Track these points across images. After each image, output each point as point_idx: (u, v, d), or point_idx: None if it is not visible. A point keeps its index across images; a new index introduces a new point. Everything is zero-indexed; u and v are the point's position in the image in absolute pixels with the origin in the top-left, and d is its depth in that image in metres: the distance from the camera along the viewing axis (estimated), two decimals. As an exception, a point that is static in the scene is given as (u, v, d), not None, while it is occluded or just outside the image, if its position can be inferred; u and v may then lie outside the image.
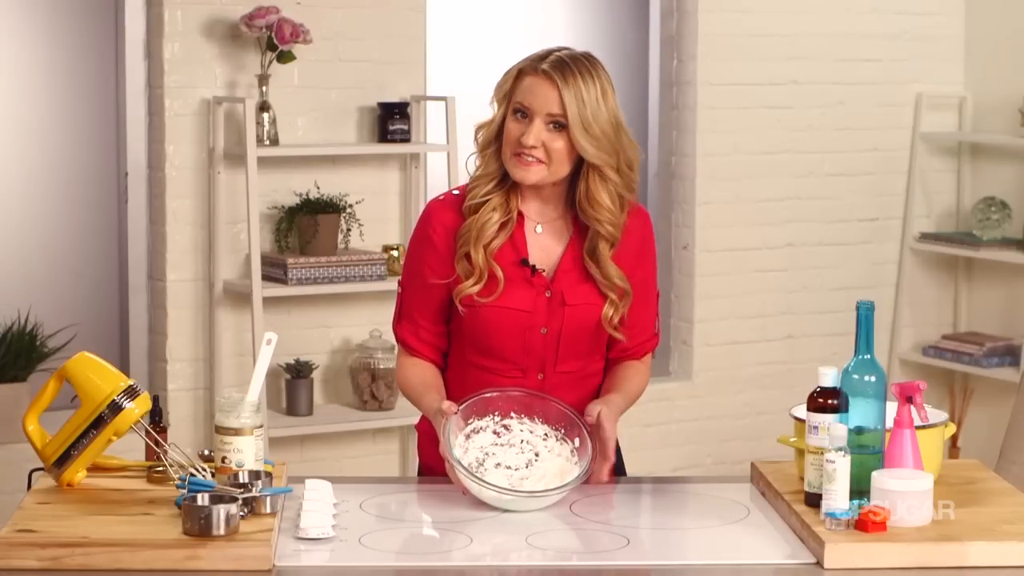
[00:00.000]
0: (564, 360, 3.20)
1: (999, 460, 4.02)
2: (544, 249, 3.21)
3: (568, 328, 3.18)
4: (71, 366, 2.98)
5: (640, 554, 2.80)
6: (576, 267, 3.19)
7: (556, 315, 3.18)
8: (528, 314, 3.17)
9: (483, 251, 3.15)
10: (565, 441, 3.07)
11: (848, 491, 2.76)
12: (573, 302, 3.18)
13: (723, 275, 6.21)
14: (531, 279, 3.18)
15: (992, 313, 6.56)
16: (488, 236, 3.15)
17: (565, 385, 3.21)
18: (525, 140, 3.11)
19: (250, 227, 5.29)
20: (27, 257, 5.70)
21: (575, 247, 3.20)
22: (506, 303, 3.16)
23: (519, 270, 3.18)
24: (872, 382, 2.86)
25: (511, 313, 3.16)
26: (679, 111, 6.26)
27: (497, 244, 3.16)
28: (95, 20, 5.69)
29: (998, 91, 6.46)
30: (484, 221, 3.15)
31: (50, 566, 2.61)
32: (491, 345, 3.19)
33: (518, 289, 3.18)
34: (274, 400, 5.50)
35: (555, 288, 3.18)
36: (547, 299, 3.18)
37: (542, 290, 3.19)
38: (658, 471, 5.86)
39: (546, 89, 3.11)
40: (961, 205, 6.61)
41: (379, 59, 5.64)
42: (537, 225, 3.21)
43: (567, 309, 3.18)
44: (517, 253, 3.18)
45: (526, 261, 3.18)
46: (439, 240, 3.20)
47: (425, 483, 3.26)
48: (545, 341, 3.19)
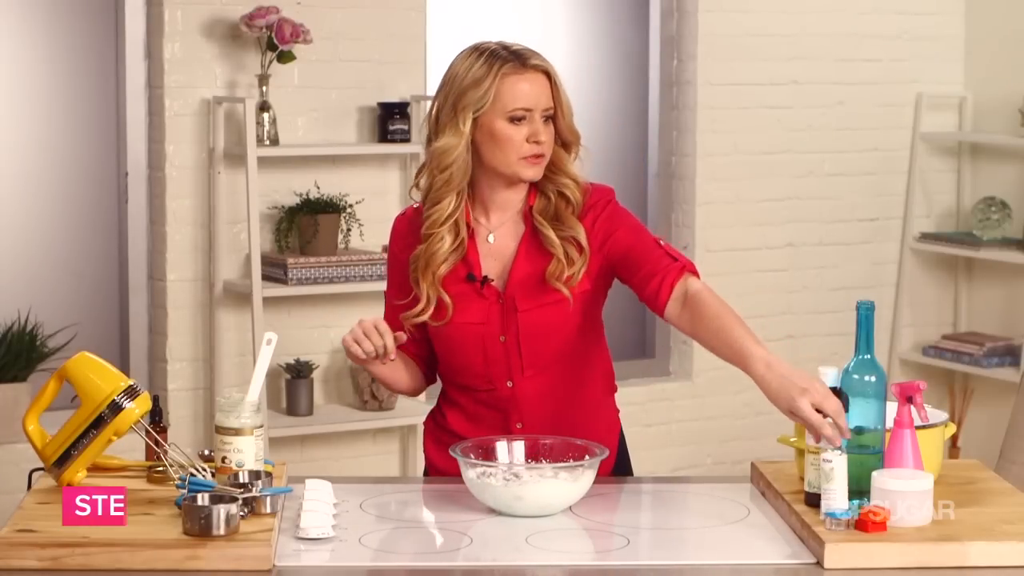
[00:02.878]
0: (530, 366, 3.19)
1: (999, 460, 4.02)
2: (497, 257, 3.20)
3: (525, 333, 3.17)
4: (71, 366, 2.98)
5: (640, 554, 2.80)
6: (529, 267, 3.17)
7: (511, 321, 3.17)
8: (483, 325, 3.18)
9: (431, 278, 3.16)
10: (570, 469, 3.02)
11: (847, 490, 2.76)
12: (525, 307, 3.17)
13: (723, 275, 6.21)
14: (481, 292, 3.18)
15: (992, 313, 6.56)
16: (437, 264, 3.16)
17: (542, 393, 3.20)
18: (542, 138, 3.13)
19: (250, 227, 5.29)
20: (27, 257, 5.70)
21: (528, 242, 3.19)
22: (460, 319, 3.18)
23: (469, 285, 3.18)
24: (872, 382, 2.86)
25: (467, 327, 3.17)
26: (679, 111, 6.26)
27: (446, 269, 3.17)
28: (95, 20, 5.68)
29: (998, 91, 6.46)
30: (434, 252, 3.16)
31: (50, 566, 2.61)
32: (456, 361, 3.22)
33: (471, 303, 3.18)
34: (274, 400, 5.50)
35: (507, 295, 3.18)
36: (500, 306, 3.18)
37: (494, 300, 3.18)
38: (658, 471, 5.86)
39: (539, 82, 3.13)
40: (961, 205, 6.61)
41: (379, 59, 5.64)
42: (489, 234, 3.21)
43: (520, 315, 3.17)
44: (467, 268, 3.19)
45: (472, 276, 3.18)
46: (395, 262, 3.27)
47: (425, 483, 3.26)
48: (506, 348, 3.18)
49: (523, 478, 2.92)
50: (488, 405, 3.22)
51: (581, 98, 7.37)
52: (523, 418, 3.21)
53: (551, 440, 3.08)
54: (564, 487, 2.93)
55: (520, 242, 3.20)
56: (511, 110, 3.11)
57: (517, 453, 3.06)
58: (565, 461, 3.00)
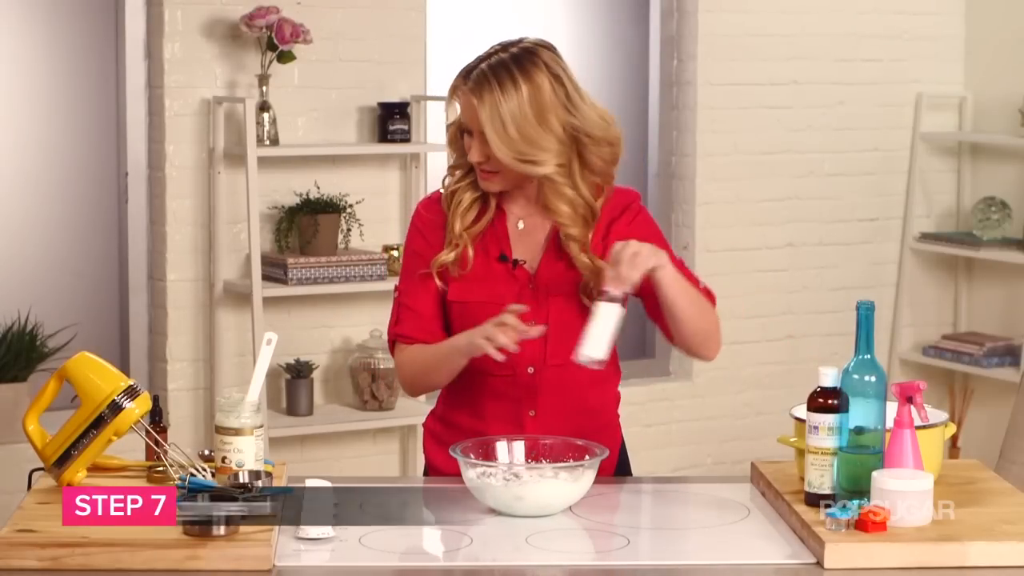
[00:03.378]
0: (554, 353, 3.18)
1: (999, 460, 4.02)
2: (527, 243, 3.21)
3: (555, 319, 3.16)
4: (71, 366, 2.98)
5: (640, 554, 2.80)
6: (558, 258, 3.19)
7: (542, 306, 3.17)
8: None
9: (460, 221, 3.17)
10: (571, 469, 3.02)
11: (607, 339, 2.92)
12: (557, 291, 3.17)
13: (723, 275, 6.21)
14: (513, 273, 3.19)
15: (992, 313, 6.56)
16: (466, 207, 3.17)
17: (560, 381, 3.19)
18: (471, 158, 3.13)
19: (250, 227, 5.29)
20: (27, 257, 5.70)
21: (556, 238, 3.19)
22: (490, 298, 3.16)
23: (501, 265, 3.19)
24: (872, 382, 2.86)
25: (497, 308, 3.11)
26: (679, 111, 6.26)
27: (479, 228, 3.18)
28: (95, 20, 5.68)
29: (998, 91, 6.46)
30: (460, 198, 3.18)
31: (50, 566, 2.61)
32: None
33: (501, 284, 3.18)
34: (274, 400, 5.50)
35: (538, 280, 3.18)
36: (531, 291, 3.18)
37: (525, 283, 3.19)
38: (658, 471, 5.85)
39: (468, 107, 3.11)
40: (961, 205, 6.61)
41: (379, 59, 5.64)
42: (520, 221, 3.22)
43: (551, 299, 3.17)
44: (500, 247, 3.19)
45: (505, 256, 3.19)
46: (424, 228, 3.23)
47: (425, 483, 3.26)
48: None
49: (523, 478, 2.92)
50: (501, 393, 3.20)
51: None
52: (537, 407, 3.20)
53: (551, 440, 3.08)
54: (564, 487, 2.93)
55: (548, 236, 3.20)
56: (459, 121, 3.16)
57: (517, 453, 3.06)
58: (565, 461, 3.00)
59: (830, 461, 2.84)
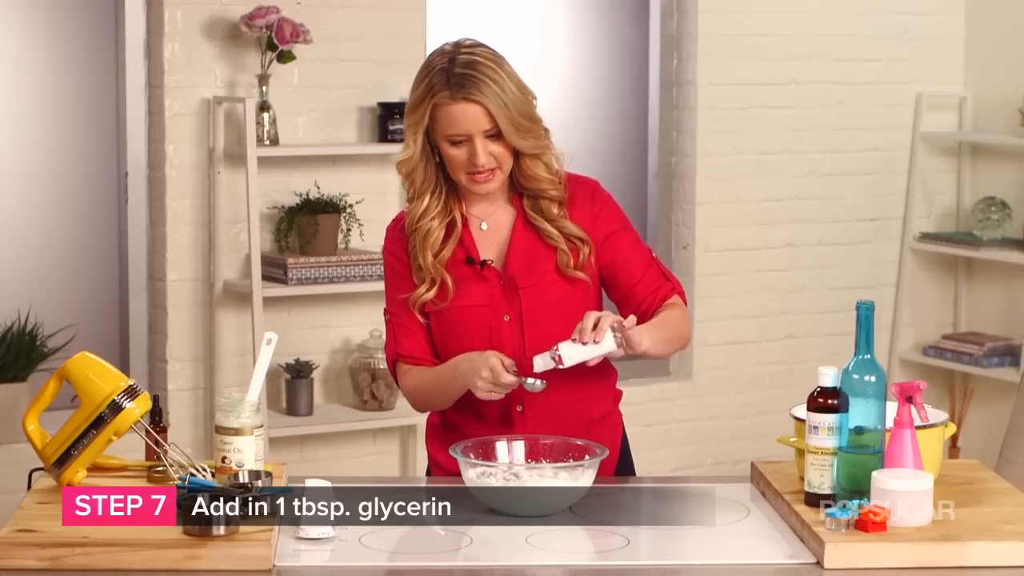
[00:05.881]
0: (534, 344, 3.19)
1: (999, 460, 4.02)
2: (491, 242, 3.25)
3: (528, 309, 3.20)
4: (71, 366, 2.98)
5: (640, 554, 2.80)
6: (525, 246, 3.22)
7: (514, 300, 3.20)
8: (487, 307, 3.21)
9: (431, 257, 3.20)
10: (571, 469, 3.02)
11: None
12: (525, 284, 3.20)
13: (723, 275, 6.21)
14: (482, 273, 3.21)
15: (992, 313, 6.56)
16: (433, 241, 3.20)
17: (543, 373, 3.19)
18: (478, 161, 3.13)
19: (250, 227, 5.29)
20: (27, 257, 5.71)
21: (521, 225, 3.23)
22: (464, 302, 3.21)
23: (469, 268, 3.21)
24: (872, 382, 2.86)
25: (472, 310, 3.20)
26: (679, 111, 6.25)
27: (447, 252, 3.22)
28: (95, 20, 5.69)
29: (998, 91, 6.46)
30: (427, 230, 3.21)
31: (50, 566, 2.61)
32: (461, 346, 3.20)
33: (473, 286, 3.22)
34: (274, 400, 5.50)
35: (507, 275, 3.22)
36: (502, 287, 3.22)
37: (496, 281, 3.22)
38: (658, 471, 5.85)
39: (471, 112, 3.12)
40: (961, 205, 6.61)
41: (379, 59, 5.64)
42: (482, 222, 3.25)
43: (521, 292, 3.20)
44: (466, 252, 3.23)
45: (472, 259, 3.22)
46: (394, 261, 3.27)
47: (425, 483, 3.25)
48: (510, 328, 3.20)
49: (523, 478, 2.92)
50: None
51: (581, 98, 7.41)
52: (524, 402, 3.21)
53: (551, 440, 3.08)
54: (564, 487, 2.93)
55: (513, 224, 3.24)
56: (448, 135, 3.15)
57: (517, 453, 3.06)
58: (565, 461, 3.00)
59: (830, 461, 2.84)
